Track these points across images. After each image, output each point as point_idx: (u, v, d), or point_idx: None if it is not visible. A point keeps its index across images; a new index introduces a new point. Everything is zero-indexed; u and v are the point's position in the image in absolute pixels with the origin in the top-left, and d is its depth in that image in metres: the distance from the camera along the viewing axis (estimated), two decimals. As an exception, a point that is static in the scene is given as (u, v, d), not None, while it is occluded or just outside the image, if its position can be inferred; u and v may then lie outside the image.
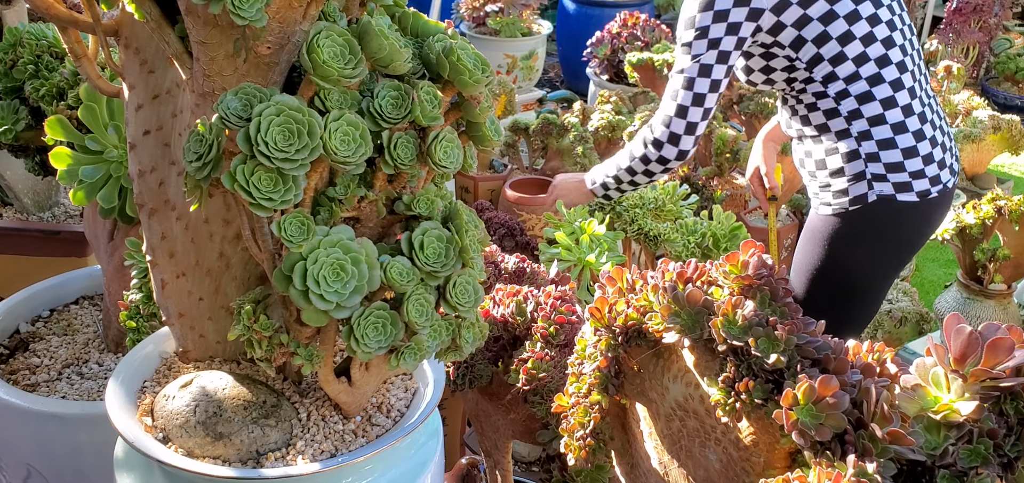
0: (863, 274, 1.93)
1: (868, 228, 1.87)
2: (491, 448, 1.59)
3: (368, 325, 0.84)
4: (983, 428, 0.87)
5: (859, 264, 1.92)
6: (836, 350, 0.94)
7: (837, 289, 1.94)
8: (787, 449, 0.95)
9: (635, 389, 1.11)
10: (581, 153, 3.36)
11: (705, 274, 1.01)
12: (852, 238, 1.87)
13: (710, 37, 1.73)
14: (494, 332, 1.36)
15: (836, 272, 1.91)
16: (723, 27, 1.72)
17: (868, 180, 1.80)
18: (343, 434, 0.98)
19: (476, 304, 0.90)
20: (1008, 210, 2.79)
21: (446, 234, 0.88)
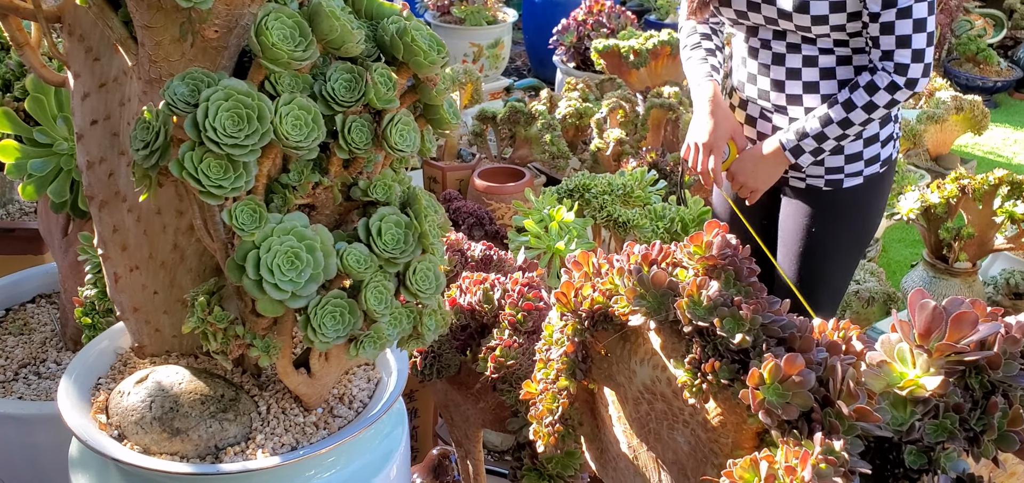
0: (869, 239, 1.99)
1: (885, 189, 1.95)
2: (461, 438, 1.57)
3: (325, 314, 0.82)
4: (949, 403, 0.87)
5: (872, 229, 2.00)
6: (801, 329, 0.93)
7: (852, 260, 2.01)
8: (754, 429, 0.95)
9: (603, 373, 1.10)
10: (549, 141, 3.35)
11: (670, 256, 1.00)
12: (874, 204, 1.95)
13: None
14: (461, 321, 1.34)
15: (858, 242, 1.96)
16: None
17: (894, 141, 1.88)
18: (304, 427, 0.96)
19: (437, 290, 0.88)
20: (972, 189, 2.82)
21: (405, 219, 0.86)
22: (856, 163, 1.92)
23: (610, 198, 2.70)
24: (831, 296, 2.06)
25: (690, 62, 2.03)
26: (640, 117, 3.49)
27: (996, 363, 0.87)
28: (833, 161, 1.90)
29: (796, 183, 1.97)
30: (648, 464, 1.08)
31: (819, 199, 1.96)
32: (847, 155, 1.90)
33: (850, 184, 1.93)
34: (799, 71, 1.86)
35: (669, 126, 3.62)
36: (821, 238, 1.96)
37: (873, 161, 1.92)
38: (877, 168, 1.93)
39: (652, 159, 3.37)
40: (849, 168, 1.92)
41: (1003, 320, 0.92)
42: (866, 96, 1.79)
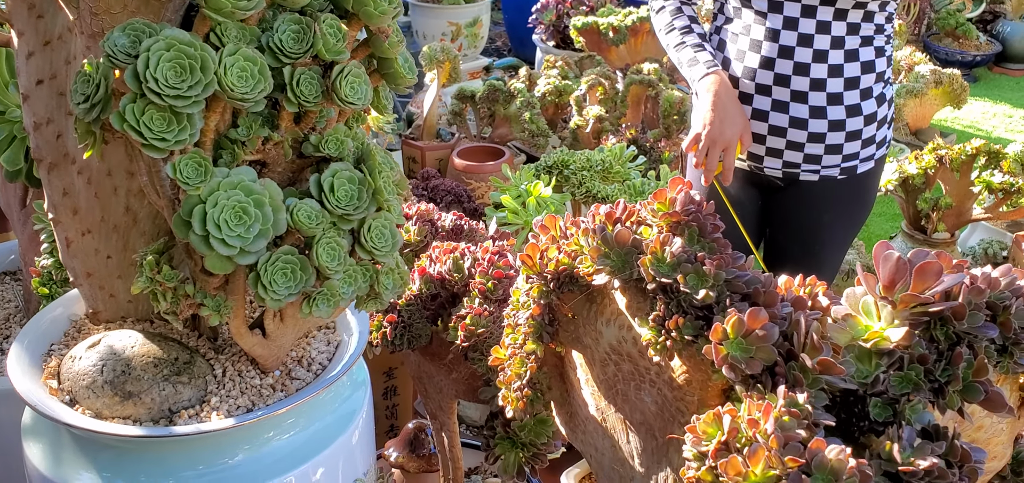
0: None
1: (880, 173, 1.95)
2: (436, 410, 1.56)
3: (276, 271, 0.80)
4: (914, 354, 0.86)
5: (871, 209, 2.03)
6: (766, 284, 0.92)
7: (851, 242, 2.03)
8: (720, 385, 0.94)
9: (570, 336, 1.09)
10: (529, 119, 3.33)
11: (635, 214, 0.99)
12: (877, 185, 1.96)
13: None
14: (431, 290, 1.33)
15: (861, 225, 1.98)
16: None
17: (892, 122, 1.88)
18: (260, 389, 0.94)
19: (394, 248, 0.87)
20: (949, 159, 2.82)
21: (358, 176, 0.84)
22: (870, 148, 1.90)
23: (589, 174, 2.69)
24: (830, 280, 2.07)
25: (683, 48, 1.91)
26: (620, 94, 3.48)
27: (961, 314, 0.87)
28: (851, 147, 1.86)
29: (808, 176, 1.90)
30: (616, 426, 1.07)
31: (834, 189, 1.92)
32: (864, 140, 1.87)
33: (863, 169, 1.91)
34: (826, 53, 1.79)
35: (649, 103, 3.61)
36: (833, 228, 1.94)
37: (882, 143, 1.92)
38: (884, 150, 1.93)
39: (632, 136, 3.36)
40: (863, 153, 1.90)
41: (968, 272, 0.92)
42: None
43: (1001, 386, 0.96)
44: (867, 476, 0.77)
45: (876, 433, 0.86)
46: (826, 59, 1.78)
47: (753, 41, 1.84)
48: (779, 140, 1.86)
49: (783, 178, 1.90)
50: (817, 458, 0.78)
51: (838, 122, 1.81)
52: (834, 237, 1.96)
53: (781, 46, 1.79)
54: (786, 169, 1.90)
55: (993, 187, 2.80)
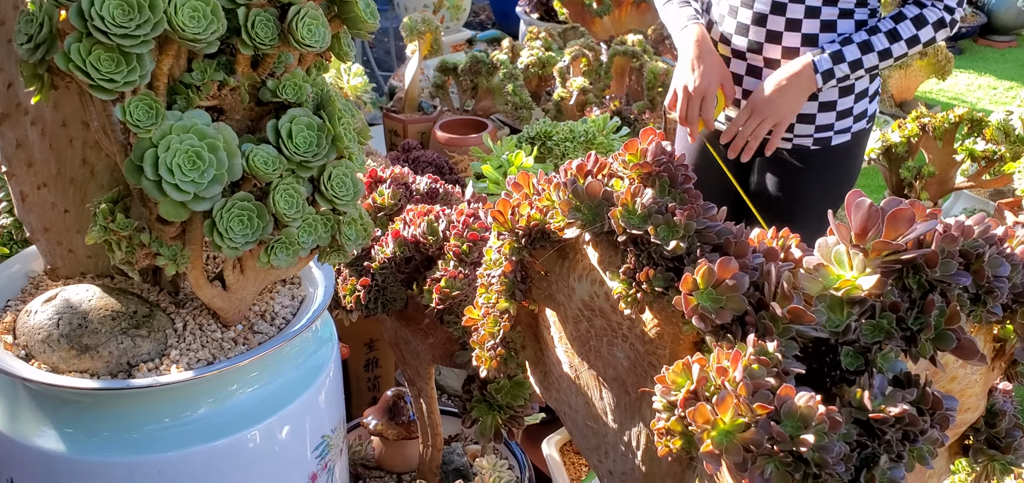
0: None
1: (865, 144, 1.92)
2: (414, 376, 1.55)
3: (232, 218, 0.78)
4: (885, 302, 0.85)
5: (853, 184, 1.95)
6: (737, 235, 0.91)
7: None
8: (691, 338, 0.93)
9: (543, 293, 1.08)
10: (512, 91, 3.31)
11: (606, 167, 0.98)
12: (858, 160, 1.92)
13: None
14: (405, 253, 1.31)
15: (841, 199, 1.92)
16: None
17: (877, 96, 1.86)
18: (222, 343, 0.93)
19: (356, 197, 0.85)
20: (932, 127, 2.82)
21: (317, 122, 0.83)
22: (845, 120, 1.89)
23: (572, 145, 2.68)
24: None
25: (668, 6, 1.93)
26: (603, 65, 3.46)
27: (933, 261, 0.86)
28: (824, 118, 1.85)
29: (781, 144, 1.90)
30: (590, 382, 1.06)
31: (806, 159, 1.90)
32: (839, 111, 1.86)
33: (838, 141, 1.90)
34: (799, 22, 1.78)
35: (633, 74, 3.60)
36: (807, 199, 1.93)
37: (861, 116, 1.90)
38: (864, 124, 1.91)
39: (616, 107, 3.35)
40: (839, 125, 1.88)
41: (942, 220, 0.91)
42: (913, 29, 1.75)
43: (975, 336, 0.95)
44: (837, 422, 0.76)
45: (848, 383, 0.85)
46: (800, 28, 1.78)
47: (730, 6, 1.83)
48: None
49: (757, 147, 1.90)
50: (786, 405, 0.77)
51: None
52: (810, 209, 1.94)
53: (756, 13, 1.79)
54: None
55: (976, 155, 2.81)
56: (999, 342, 0.98)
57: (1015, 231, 0.95)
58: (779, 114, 1.77)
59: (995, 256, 0.89)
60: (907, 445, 0.80)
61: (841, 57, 1.72)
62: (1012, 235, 0.95)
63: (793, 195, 1.92)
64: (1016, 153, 2.78)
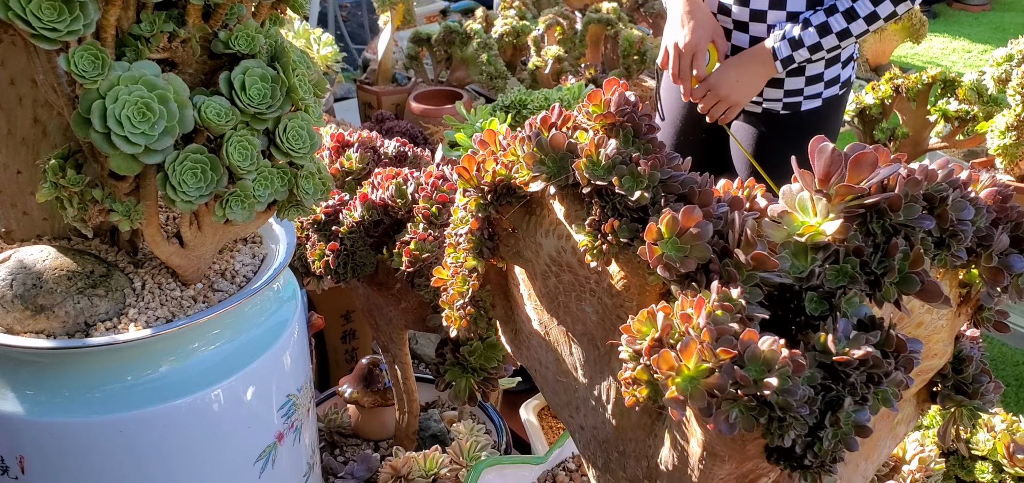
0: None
1: (842, 111, 1.91)
2: (387, 342, 1.55)
3: (185, 170, 0.77)
4: (849, 247, 0.85)
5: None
6: (702, 184, 0.91)
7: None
8: (658, 289, 0.93)
9: (510, 250, 1.07)
10: (486, 61, 3.30)
11: (571, 120, 0.97)
12: (831, 126, 1.91)
13: None
14: (374, 217, 1.31)
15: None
16: None
17: (853, 62, 1.85)
18: (181, 301, 0.92)
19: (312, 150, 0.84)
20: (905, 88, 2.83)
21: (271, 73, 0.81)
22: (816, 85, 1.88)
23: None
24: None
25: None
26: (578, 34, 3.45)
27: (897, 205, 0.86)
28: (793, 83, 1.85)
29: (751, 107, 1.90)
30: (559, 339, 1.06)
31: (775, 123, 1.90)
32: (808, 76, 1.85)
33: (809, 106, 1.89)
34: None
35: (608, 42, 3.59)
36: (776, 164, 1.92)
37: (833, 82, 1.89)
38: (836, 90, 1.89)
39: (591, 75, 3.34)
40: (809, 90, 1.88)
41: (906, 165, 0.91)
42: (870, 6, 1.73)
43: (940, 281, 0.95)
44: (800, 365, 0.76)
45: (813, 328, 0.85)
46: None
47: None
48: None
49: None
50: (749, 349, 0.77)
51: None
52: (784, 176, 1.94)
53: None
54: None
55: (949, 116, 2.82)
56: (965, 287, 0.99)
57: (979, 175, 0.96)
58: (734, 97, 1.80)
59: (959, 200, 0.90)
60: (871, 388, 0.80)
61: (799, 43, 1.74)
62: (976, 180, 0.95)
63: (765, 160, 1.92)
64: (989, 113, 2.80)
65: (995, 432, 1.91)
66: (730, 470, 0.91)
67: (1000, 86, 2.75)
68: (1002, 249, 0.93)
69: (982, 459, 1.90)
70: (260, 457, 0.96)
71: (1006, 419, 1.92)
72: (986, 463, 1.88)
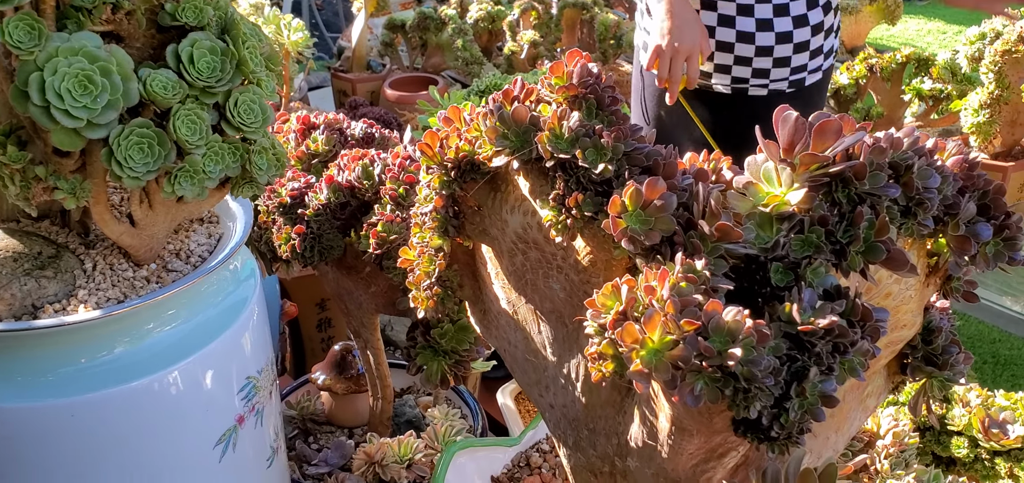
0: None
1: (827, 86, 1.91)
2: (359, 327, 1.53)
3: (131, 145, 0.75)
4: (814, 216, 0.85)
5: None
6: (667, 156, 0.90)
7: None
8: (623, 263, 0.92)
9: (476, 229, 1.06)
10: (461, 46, 3.27)
11: (534, 93, 0.96)
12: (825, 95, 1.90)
13: None
14: (340, 199, 1.29)
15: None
16: None
17: (836, 32, 1.84)
18: (133, 281, 0.90)
19: (265, 124, 0.82)
20: (880, 68, 2.84)
21: (221, 46, 0.79)
22: (817, 59, 1.88)
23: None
24: None
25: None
26: (554, 18, 3.43)
27: (861, 173, 0.85)
28: (799, 59, 1.84)
29: (757, 91, 1.88)
30: (528, 317, 1.04)
31: (784, 102, 1.90)
32: (812, 50, 1.85)
33: (811, 81, 1.89)
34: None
35: (584, 27, 3.57)
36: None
37: (829, 53, 1.90)
38: (831, 60, 1.91)
39: (567, 60, 3.31)
40: (812, 64, 1.87)
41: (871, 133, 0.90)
42: None
43: (907, 251, 0.95)
44: (764, 335, 0.76)
45: (780, 300, 0.85)
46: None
47: None
48: (727, 56, 1.83)
49: (732, 93, 1.88)
50: (713, 320, 0.76)
51: (785, 34, 1.79)
52: None
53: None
54: (735, 84, 1.87)
55: (923, 94, 2.83)
56: (933, 256, 0.98)
57: (945, 144, 0.95)
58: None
59: (925, 168, 0.89)
60: (837, 357, 0.80)
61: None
62: (942, 148, 0.94)
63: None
64: (962, 91, 2.81)
65: (970, 407, 1.91)
66: (699, 445, 0.90)
67: (973, 65, 2.76)
68: (969, 217, 0.93)
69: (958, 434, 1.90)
70: (220, 440, 0.95)
71: (981, 394, 1.92)
72: (962, 438, 1.89)
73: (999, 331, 3.27)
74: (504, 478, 1.35)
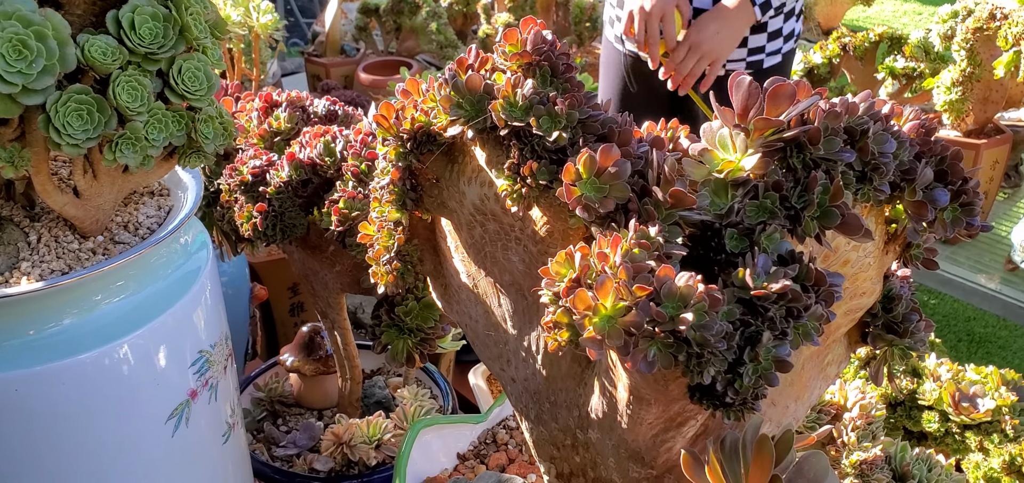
0: None
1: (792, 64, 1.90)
2: (325, 308, 1.52)
3: (69, 111, 0.73)
4: (769, 182, 0.84)
5: None
6: (622, 124, 0.89)
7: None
8: (580, 232, 0.91)
9: (435, 201, 1.05)
10: (436, 30, 3.26)
11: (489, 62, 0.95)
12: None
13: None
14: (302, 176, 1.27)
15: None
16: None
17: (802, 15, 1.84)
18: (79, 254, 0.88)
19: (210, 92, 0.81)
20: (853, 47, 2.84)
21: (163, 11, 0.78)
22: (776, 41, 1.88)
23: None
24: None
25: None
26: (529, 1, 3.41)
27: (816, 138, 0.85)
28: (756, 40, 1.85)
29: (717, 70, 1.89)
30: (488, 290, 1.04)
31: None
32: (770, 32, 1.85)
33: (770, 63, 1.89)
34: None
35: (560, 10, 3.56)
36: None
37: (789, 36, 1.90)
38: (792, 44, 1.90)
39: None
40: (770, 46, 1.87)
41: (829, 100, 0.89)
42: None
43: (866, 218, 0.95)
44: (716, 300, 0.75)
45: (735, 266, 0.84)
46: None
47: None
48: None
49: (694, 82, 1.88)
50: (666, 286, 0.75)
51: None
52: None
53: None
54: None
55: (896, 73, 2.84)
56: (892, 223, 0.98)
57: (903, 109, 0.95)
58: (717, 52, 1.75)
59: (881, 133, 0.89)
60: (791, 322, 0.79)
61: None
62: (899, 113, 0.94)
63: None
64: (935, 70, 2.82)
65: (941, 382, 1.92)
66: (657, 414, 0.90)
67: (946, 43, 2.77)
68: (926, 183, 0.92)
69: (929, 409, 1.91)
70: (172, 415, 0.93)
71: (952, 369, 1.94)
72: (932, 412, 1.90)
73: (974, 309, 3.30)
74: (470, 455, 1.35)
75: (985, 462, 1.72)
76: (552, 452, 1.06)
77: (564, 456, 1.05)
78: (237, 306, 1.77)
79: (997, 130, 2.70)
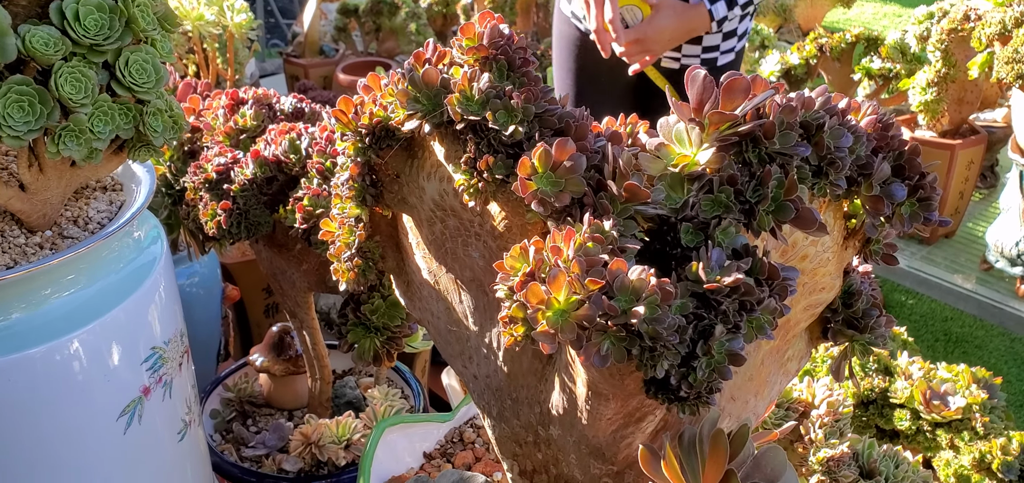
0: None
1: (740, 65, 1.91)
2: (294, 307, 1.51)
3: (9, 102, 0.72)
4: (724, 176, 0.84)
5: None
6: (579, 118, 0.89)
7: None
8: (538, 227, 0.91)
9: (395, 197, 1.04)
10: (415, 31, 3.25)
11: (447, 56, 0.95)
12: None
13: None
14: (267, 174, 1.26)
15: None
16: None
17: (752, 13, 1.83)
18: (25, 248, 0.87)
19: (158, 85, 0.80)
20: (830, 48, 2.85)
21: (109, 3, 0.77)
22: (730, 40, 1.88)
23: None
24: None
25: None
26: (509, 1, 3.41)
27: (771, 132, 0.84)
28: (711, 39, 1.85)
29: (669, 64, 1.89)
30: (449, 287, 1.03)
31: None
32: (725, 32, 1.85)
33: (724, 61, 1.89)
34: None
35: (540, 11, 3.56)
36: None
37: (743, 35, 1.90)
38: (744, 43, 1.91)
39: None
40: (724, 45, 1.88)
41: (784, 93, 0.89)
42: None
43: (824, 213, 0.95)
44: (668, 293, 0.75)
45: (690, 260, 0.84)
46: None
47: None
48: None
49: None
50: (618, 279, 0.75)
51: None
52: None
53: None
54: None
55: (872, 74, 2.85)
56: (851, 218, 0.98)
57: (859, 104, 0.95)
58: (659, 49, 1.76)
59: (837, 127, 0.89)
60: (744, 315, 0.79)
61: (734, 2, 1.73)
62: (857, 107, 0.94)
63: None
64: (911, 70, 2.83)
65: (912, 380, 1.93)
66: (616, 409, 0.90)
67: (922, 44, 2.79)
68: (883, 177, 0.93)
69: (900, 407, 1.92)
70: (124, 412, 0.92)
71: (923, 367, 1.94)
72: (904, 410, 1.91)
73: (950, 309, 3.32)
74: (437, 454, 1.34)
75: (956, 459, 1.72)
76: (514, 449, 1.06)
77: (526, 453, 1.04)
78: (208, 306, 1.76)
79: (972, 130, 2.72)
